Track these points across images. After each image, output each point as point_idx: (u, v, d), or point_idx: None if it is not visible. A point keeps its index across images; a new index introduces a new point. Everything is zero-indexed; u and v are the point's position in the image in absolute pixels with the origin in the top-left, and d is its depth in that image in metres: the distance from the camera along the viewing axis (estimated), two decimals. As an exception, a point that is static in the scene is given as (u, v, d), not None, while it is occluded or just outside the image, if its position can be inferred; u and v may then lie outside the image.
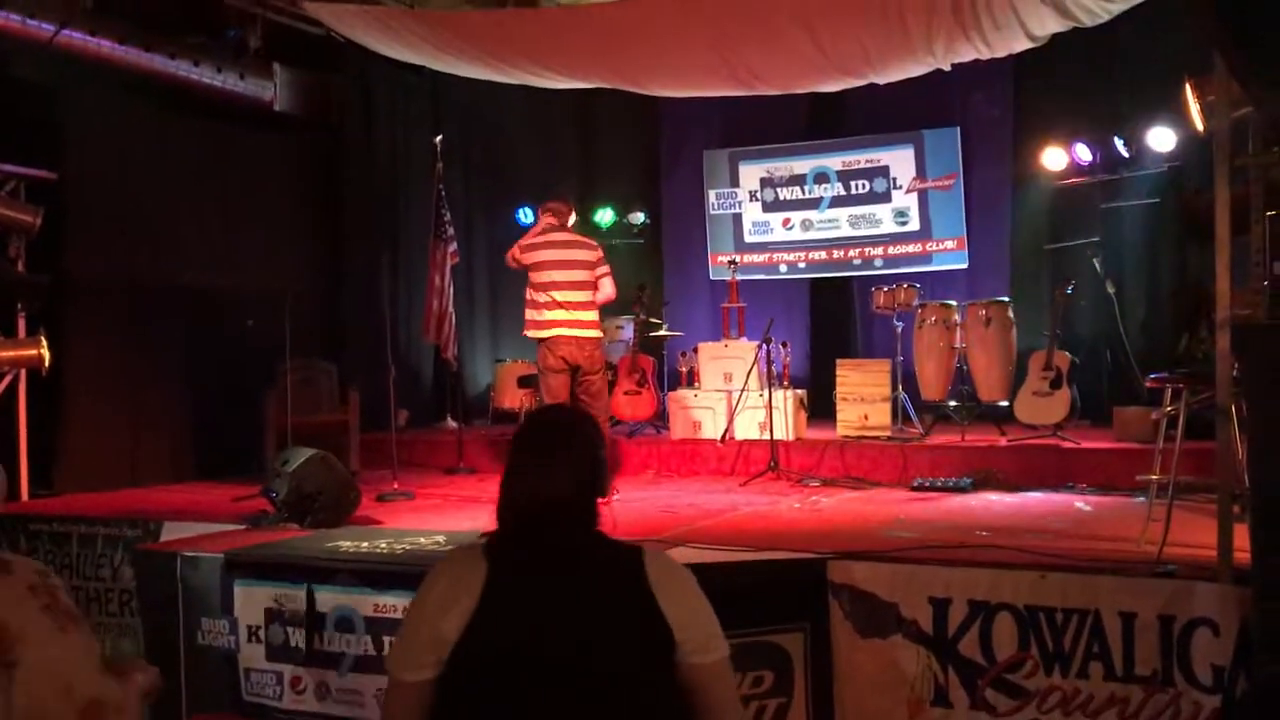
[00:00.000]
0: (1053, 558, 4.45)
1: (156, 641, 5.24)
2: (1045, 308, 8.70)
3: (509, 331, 10.96)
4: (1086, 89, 8.87)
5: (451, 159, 9.04)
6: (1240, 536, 3.95)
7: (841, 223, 10.20)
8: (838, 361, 8.33)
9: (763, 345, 8.07)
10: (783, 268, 10.47)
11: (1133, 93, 8.52)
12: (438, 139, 8.42)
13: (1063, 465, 7.00)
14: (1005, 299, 8.50)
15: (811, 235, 10.33)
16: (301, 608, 4.80)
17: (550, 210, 7.18)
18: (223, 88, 8.61)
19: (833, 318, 10.31)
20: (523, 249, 6.98)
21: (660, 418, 9.10)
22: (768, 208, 10.51)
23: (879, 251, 10.05)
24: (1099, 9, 5.97)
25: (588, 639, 2.19)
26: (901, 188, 9.93)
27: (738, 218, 10.63)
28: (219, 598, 5.01)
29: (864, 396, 8.03)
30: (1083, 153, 8.58)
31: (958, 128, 9.63)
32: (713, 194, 10.69)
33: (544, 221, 7.15)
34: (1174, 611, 3.97)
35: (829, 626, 4.47)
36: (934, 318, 8.39)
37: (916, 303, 8.51)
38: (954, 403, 8.29)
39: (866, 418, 7.99)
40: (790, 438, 8.01)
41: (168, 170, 8.42)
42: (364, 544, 5.25)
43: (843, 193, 10.19)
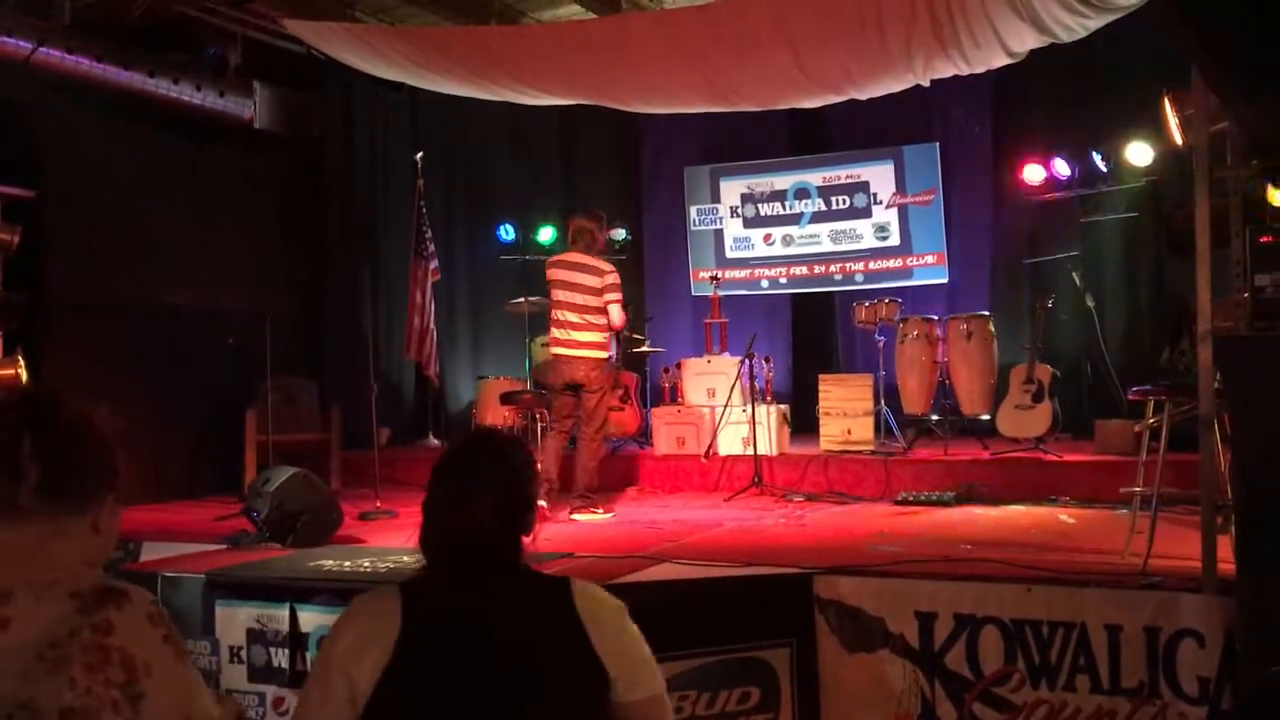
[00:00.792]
0: (1038, 571, 4.46)
1: (136, 663, 5.18)
2: (1026, 321, 8.75)
3: (491, 348, 10.94)
4: (1065, 104, 8.93)
5: (432, 176, 9.04)
6: (1224, 548, 3.97)
7: (822, 238, 10.23)
8: (820, 376, 8.35)
9: (745, 360, 8.07)
10: (764, 283, 10.48)
11: (1111, 108, 8.57)
12: (418, 156, 8.42)
13: (1045, 478, 7.02)
14: (986, 313, 8.53)
15: (793, 250, 10.35)
16: (284, 628, 4.75)
17: (569, 229, 7.32)
18: (202, 105, 8.59)
19: (815, 333, 10.33)
20: (545, 267, 7.22)
21: (644, 434, 9.08)
22: (749, 223, 10.53)
23: (860, 266, 10.08)
24: (1076, 25, 6.02)
25: (514, 684, 2.03)
26: (882, 203, 9.96)
27: (719, 233, 10.65)
28: (200, 619, 4.95)
29: (847, 411, 8.04)
30: (1061, 167, 8.62)
31: (937, 143, 9.67)
32: (694, 210, 10.71)
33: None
34: (1159, 623, 3.98)
35: (815, 641, 4.46)
36: (915, 332, 8.41)
37: (898, 317, 8.53)
38: (936, 417, 8.30)
39: (849, 432, 7.99)
40: (774, 453, 8.01)
41: (147, 188, 8.39)
42: (347, 563, 5.21)
43: (823, 208, 10.21)
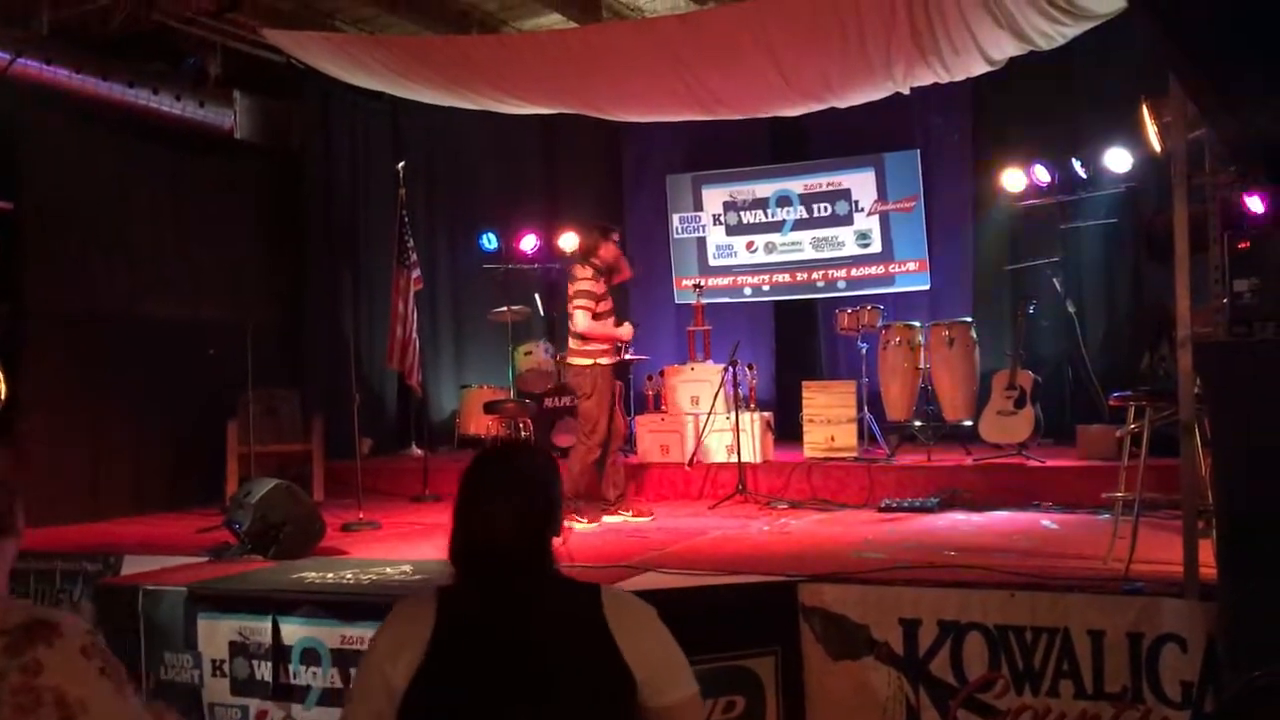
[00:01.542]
0: (1021, 577, 4.47)
1: (118, 678, 5.14)
2: (1007, 328, 8.78)
3: (474, 357, 10.92)
4: (1044, 111, 8.98)
5: (414, 185, 9.03)
6: (1205, 552, 3.99)
7: (804, 245, 10.25)
8: (804, 383, 8.36)
9: (729, 368, 8.07)
10: (747, 290, 10.50)
11: (1090, 115, 8.63)
12: (400, 165, 8.40)
13: (1028, 484, 7.04)
14: (968, 319, 8.56)
15: (775, 258, 10.37)
16: (267, 640, 4.74)
17: None
18: (182, 115, 8.55)
19: (797, 340, 10.34)
20: None
21: (627, 442, 9.06)
22: (731, 231, 10.55)
23: (842, 273, 10.10)
24: (1055, 33, 6.06)
25: (543, 688, 2.07)
26: (863, 210, 9.99)
27: (701, 241, 10.66)
28: (182, 632, 4.94)
29: (830, 418, 8.06)
30: (1041, 174, 8.67)
31: (918, 150, 9.71)
32: (676, 218, 10.72)
33: None
34: (1142, 628, 4.00)
35: (800, 649, 4.46)
36: (898, 339, 8.43)
37: (880, 324, 8.55)
38: (919, 423, 8.32)
39: (833, 439, 8.01)
40: (758, 460, 8.02)
41: (127, 198, 8.35)
42: (329, 575, 5.20)
43: (805, 216, 10.24)
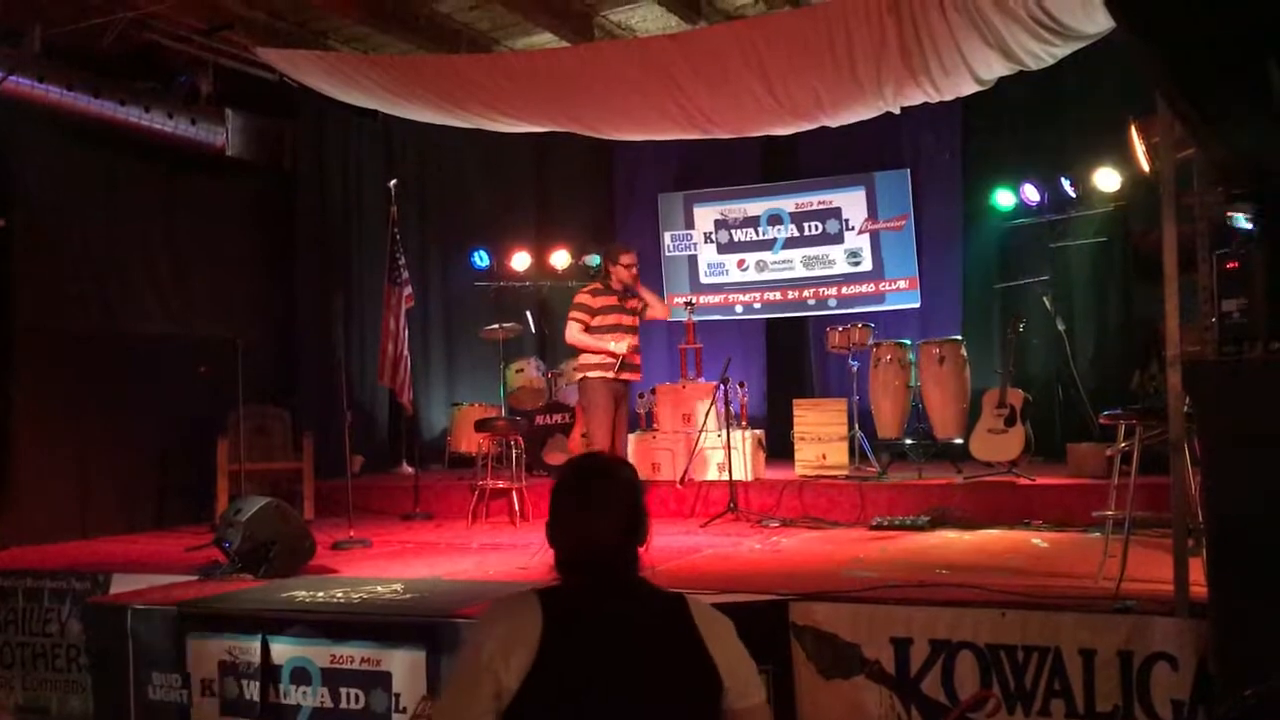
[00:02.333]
0: (1012, 595, 4.46)
1: (106, 698, 5.12)
2: (997, 346, 8.81)
3: (465, 375, 10.91)
4: (1033, 131, 9.04)
5: (406, 202, 9.03)
6: (1196, 570, 3.99)
7: (795, 263, 10.29)
8: (795, 401, 8.37)
9: (720, 386, 8.08)
10: (738, 308, 10.52)
11: (1079, 134, 8.68)
12: (392, 183, 8.41)
13: (1019, 502, 7.05)
14: (958, 337, 8.59)
15: (766, 276, 10.41)
16: (256, 660, 4.71)
17: None
18: (174, 133, 8.54)
19: (789, 358, 10.37)
20: None
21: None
22: (722, 249, 10.58)
23: (833, 292, 10.14)
24: (1044, 53, 6.09)
25: (644, 687, 2.24)
26: (854, 229, 10.04)
27: (693, 259, 10.69)
28: (171, 651, 4.90)
29: (821, 436, 8.07)
30: (1031, 193, 8.72)
31: (908, 169, 9.77)
32: (668, 235, 10.75)
33: None
34: (1133, 647, 3.99)
35: (792, 668, 4.44)
36: (888, 357, 8.45)
37: (871, 342, 8.58)
38: (910, 441, 8.34)
39: (824, 457, 8.01)
40: (749, 478, 8.01)
41: (118, 216, 8.34)
42: (320, 593, 5.18)
43: (796, 234, 10.28)
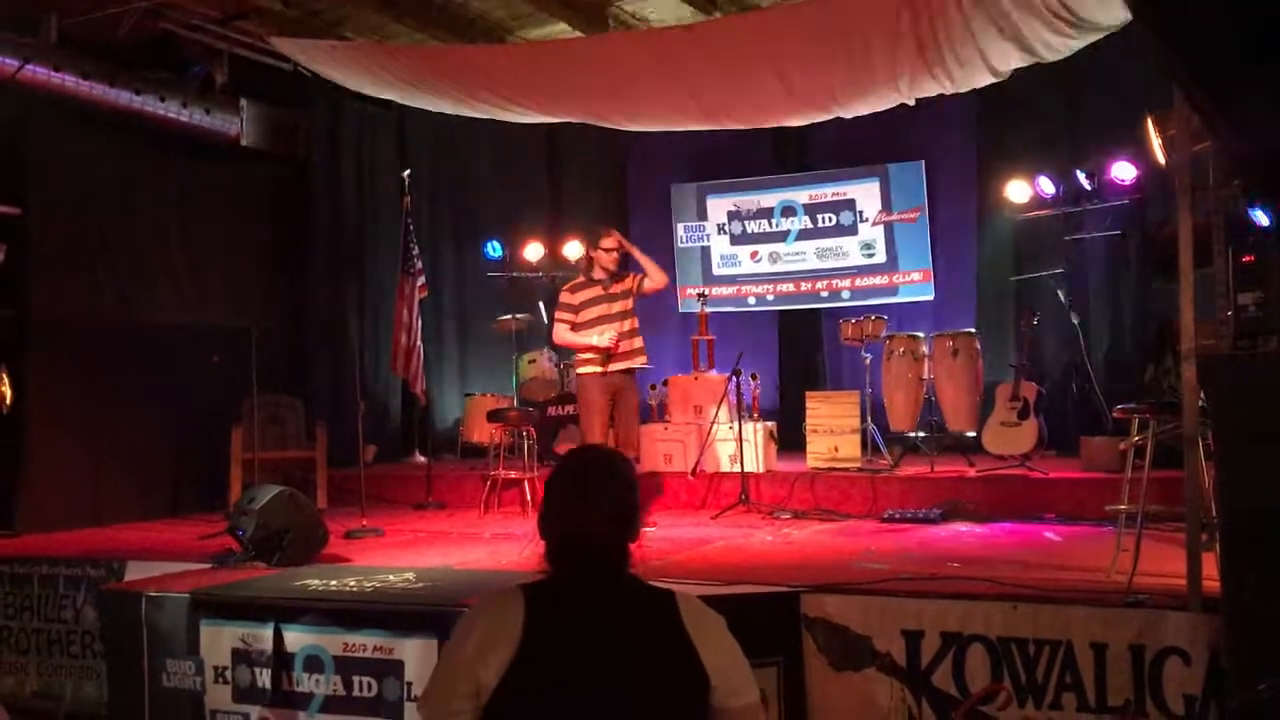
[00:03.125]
0: (1024, 589, 4.46)
1: (120, 685, 5.16)
2: (1011, 339, 8.78)
3: (478, 365, 10.93)
4: (1049, 123, 8.99)
5: (419, 193, 9.05)
6: (1209, 565, 3.98)
7: (809, 255, 10.27)
8: (807, 394, 8.35)
9: (732, 377, 8.07)
10: (751, 300, 10.51)
11: (1095, 126, 8.64)
12: (406, 173, 8.42)
13: (1031, 495, 7.04)
14: (972, 330, 8.57)
15: (779, 268, 10.39)
16: (269, 648, 4.73)
17: None
18: (189, 122, 8.58)
19: (801, 349, 10.35)
20: None
21: (630, 451, 9.07)
22: (735, 240, 10.56)
23: (846, 284, 10.12)
24: (1060, 44, 6.06)
25: (628, 684, 2.19)
26: (868, 220, 10.01)
27: (706, 250, 10.68)
28: (184, 638, 4.93)
29: (833, 428, 8.05)
30: (1046, 185, 8.67)
31: (922, 161, 9.73)
32: (680, 227, 10.74)
33: None
34: (1145, 641, 3.98)
35: (802, 660, 4.45)
36: (902, 349, 8.43)
37: (884, 334, 8.55)
38: (923, 434, 8.32)
39: (836, 449, 8.00)
40: (761, 470, 8.01)
41: (133, 205, 8.38)
42: (332, 582, 5.19)
43: (809, 226, 10.26)
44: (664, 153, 10.42)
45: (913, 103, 7.00)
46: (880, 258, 9.97)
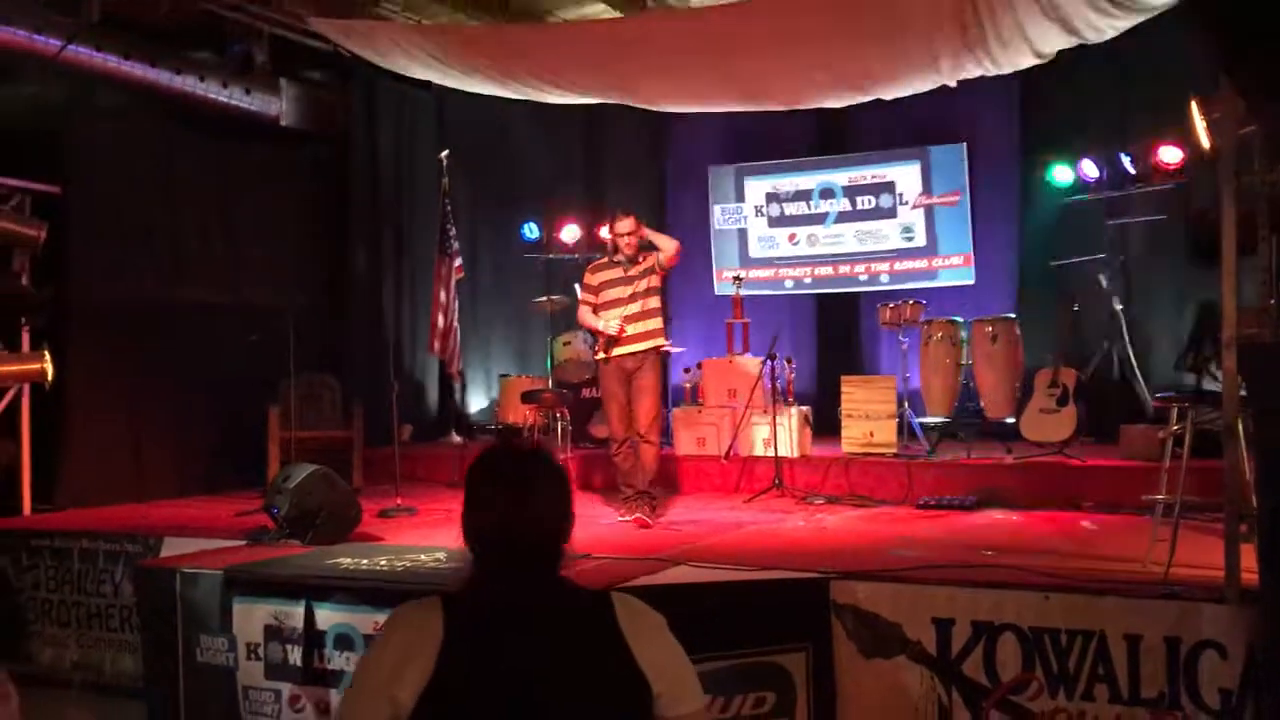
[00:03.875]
0: (1057, 578, 4.40)
1: (155, 660, 5.22)
2: (1052, 324, 8.66)
3: (513, 346, 10.96)
4: (1093, 106, 8.85)
5: (457, 174, 9.05)
6: (1248, 557, 3.91)
7: (847, 238, 10.19)
8: (843, 378, 8.28)
9: (768, 361, 8.03)
10: (788, 283, 10.45)
11: (1139, 110, 8.49)
12: (444, 154, 8.43)
13: (1069, 483, 6.95)
14: (1012, 315, 8.46)
15: (817, 250, 10.32)
16: (300, 625, 4.77)
17: None
18: (229, 103, 8.63)
19: (838, 333, 10.28)
20: None
21: (664, 434, 9.05)
22: (773, 223, 10.50)
23: (885, 267, 10.03)
24: (1105, 26, 5.95)
25: (558, 697, 2.01)
26: (907, 203, 9.91)
27: (743, 233, 10.62)
28: (218, 615, 4.98)
29: (869, 413, 7.98)
30: (1089, 169, 8.55)
31: (964, 144, 9.61)
32: (718, 209, 10.69)
33: None
34: (1180, 633, 3.93)
35: (832, 647, 4.43)
36: (940, 334, 8.35)
37: (922, 319, 8.47)
38: (960, 420, 8.24)
39: (872, 435, 7.94)
40: (795, 454, 7.97)
41: (172, 185, 8.45)
42: (364, 561, 5.23)
43: (849, 208, 10.17)
44: (702, 134, 10.37)
45: (954, 84, 6.91)
46: (920, 241, 9.87)
